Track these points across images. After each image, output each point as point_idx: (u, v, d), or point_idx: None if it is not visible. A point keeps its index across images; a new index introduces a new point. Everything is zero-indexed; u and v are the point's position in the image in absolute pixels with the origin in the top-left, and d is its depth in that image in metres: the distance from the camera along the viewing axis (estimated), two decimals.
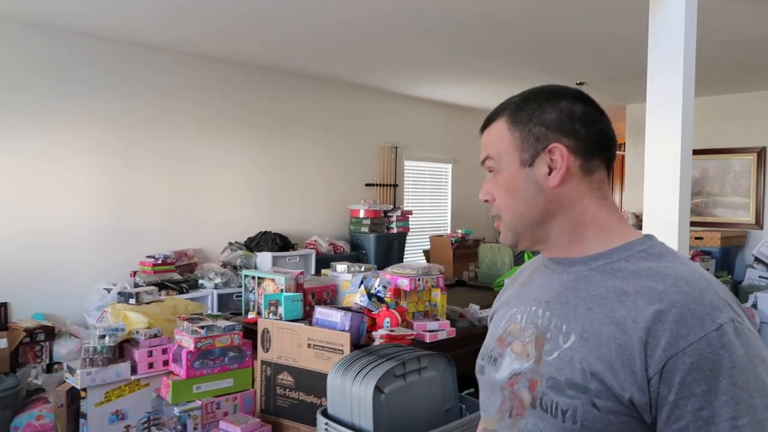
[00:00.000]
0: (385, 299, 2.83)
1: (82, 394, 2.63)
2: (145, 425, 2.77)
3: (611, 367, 0.76)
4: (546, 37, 4.12)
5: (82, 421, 2.64)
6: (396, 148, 6.27)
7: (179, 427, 2.53)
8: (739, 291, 5.40)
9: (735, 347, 0.73)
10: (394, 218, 5.57)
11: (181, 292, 3.97)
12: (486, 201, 0.97)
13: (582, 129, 0.89)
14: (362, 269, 3.33)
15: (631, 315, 0.78)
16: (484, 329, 3.27)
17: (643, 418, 0.76)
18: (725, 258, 5.65)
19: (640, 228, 5.98)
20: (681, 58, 2.62)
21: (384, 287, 2.84)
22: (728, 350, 0.72)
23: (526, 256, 3.76)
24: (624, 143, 8.80)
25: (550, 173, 0.88)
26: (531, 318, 0.91)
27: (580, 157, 0.88)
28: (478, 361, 1.02)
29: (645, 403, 0.75)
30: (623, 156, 7.66)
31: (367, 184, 6.00)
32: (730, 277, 5.69)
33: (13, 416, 3.10)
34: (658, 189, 2.75)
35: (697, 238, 5.60)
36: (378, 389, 1.77)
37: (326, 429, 1.83)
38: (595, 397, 0.77)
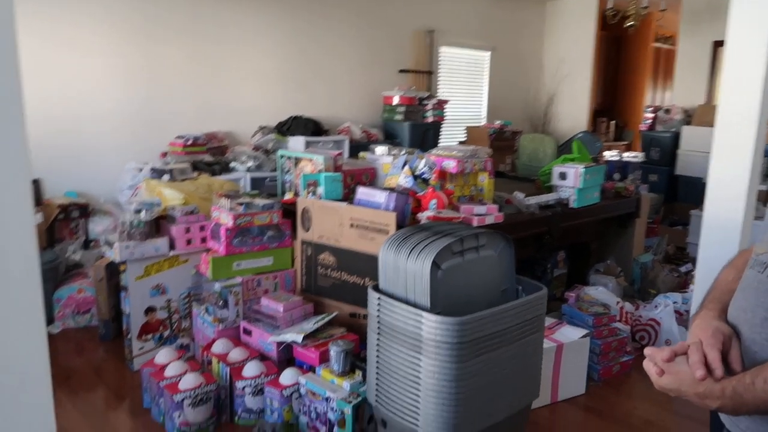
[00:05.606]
0: (430, 181, 2.69)
1: (122, 267, 2.60)
2: (186, 300, 2.77)
3: None
4: None
5: (123, 294, 2.63)
6: (432, 32, 5.86)
7: (220, 302, 2.51)
8: None
9: None
10: (429, 106, 5.30)
11: (213, 174, 3.86)
12: None
13: None
14: (403, 152, 3.16)
15: None
16: (532, 216, 3.11)
17: None
18: None
19: (688, 123, 5.64)
20: None
21: (429, 168, 2.69)
22: None
23: (575, 146, 3.54)
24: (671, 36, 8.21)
25: None
26: None
27: None
28: None
29: None
30: (674, 50, 7.15)
31: (401, 71, 5.68)
32: None
33: (55, 289, 3.12)
34: (740, 79, 2.44)
35: None
36: (435, 265, 1.66)
37: (379, 303, 1.74)
38: None
